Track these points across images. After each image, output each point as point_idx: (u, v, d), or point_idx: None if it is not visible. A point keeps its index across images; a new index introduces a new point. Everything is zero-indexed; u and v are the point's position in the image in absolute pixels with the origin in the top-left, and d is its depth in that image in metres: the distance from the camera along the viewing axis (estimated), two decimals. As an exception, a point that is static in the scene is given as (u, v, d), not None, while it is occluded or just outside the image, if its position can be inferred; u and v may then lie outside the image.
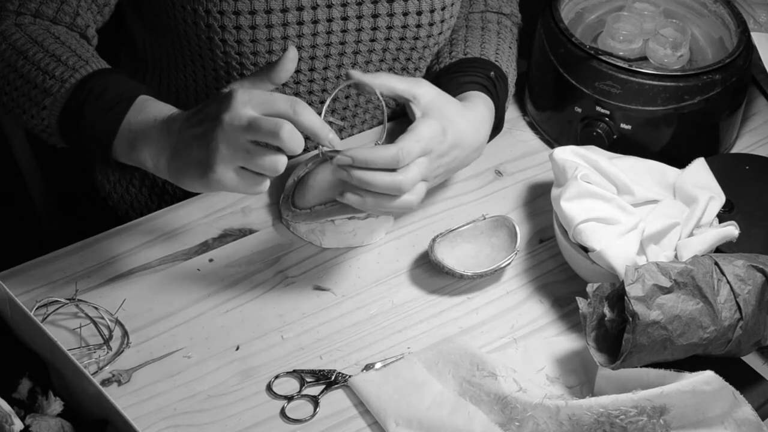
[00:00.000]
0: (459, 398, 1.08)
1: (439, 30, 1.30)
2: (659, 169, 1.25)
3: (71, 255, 1.21)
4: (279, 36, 1.22)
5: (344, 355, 1.14)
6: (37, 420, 0.98)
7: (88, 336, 1.13)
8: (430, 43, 1.31)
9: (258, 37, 1.21)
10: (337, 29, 1.25)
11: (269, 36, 1.22)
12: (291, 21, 1.22)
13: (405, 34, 1.28)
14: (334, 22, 1.24)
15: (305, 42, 1.24)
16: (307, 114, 1.01)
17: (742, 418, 1.05)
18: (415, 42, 1.29)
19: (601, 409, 1.04)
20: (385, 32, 1.27)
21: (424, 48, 1.31)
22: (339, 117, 1.34)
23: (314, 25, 1.23)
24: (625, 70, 1.29)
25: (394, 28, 1.27)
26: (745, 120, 1.44)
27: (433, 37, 1.30)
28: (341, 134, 1.37)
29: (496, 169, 1.35)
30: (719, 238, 1.16)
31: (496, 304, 1.20)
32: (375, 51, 1.29)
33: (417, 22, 1.27)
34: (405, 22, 1.27)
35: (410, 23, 1.27)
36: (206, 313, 1.17)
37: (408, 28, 1.27)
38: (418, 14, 1.27)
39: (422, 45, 1.30)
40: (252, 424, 1.07)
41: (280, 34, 1.22)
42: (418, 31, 1.28)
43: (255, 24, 1.21)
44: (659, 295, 1.05)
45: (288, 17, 1.21)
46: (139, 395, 1.09)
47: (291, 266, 1.22)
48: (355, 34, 1.26)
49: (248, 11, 1.20)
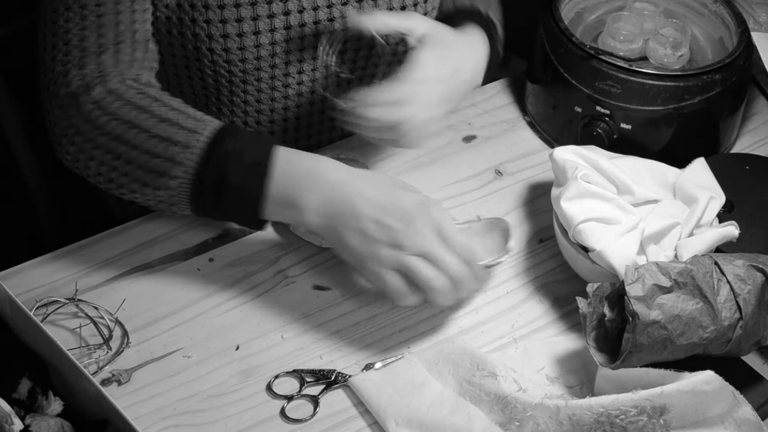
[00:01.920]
0: (459, 398, 1.08)
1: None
2: (659, 169, 1.25)
3: (71, 255, 1.21)
4: (267, 42, 1.21)
5: (344, 355, 1.14)
6: (37, 420, 0.98)
7: (88, 336, 1.13)
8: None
9: (246, 44, 1.21)
10: (325, 31, 1.24)
11: (257, 42, 1.21)
12: (278, 26, 1.21)
13: None
14: (321, 24, 1.23)
15: (293, 46, 1.23)
16: None
17: (742, 418, 1.05)
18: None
19: (601, 409, 1.04)
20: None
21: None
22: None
23: (301, 29, 1.23)
24: (625, 70, 1.29)
25: None
26: (745, 120, 1.44)
27: None
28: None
29: (496, 169, 1.35)
30: (719, 238, 1.16)
31: (496, 304, 1.20)
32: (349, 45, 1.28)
33: None
34: None
35: None
36: (206, 313, 1.17)
37: None
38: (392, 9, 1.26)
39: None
40: (252, 424, 1.07)
41: (268, 39, 1.21)
42: None
43: (243, 31, 1.20)
44: (659, 295, 1.05)
45: (275, 22, 1.21)
46: (139, 395, 1.09)
47: (291, 266, 1.22)
48: (329, 24, 1.24)
49: (235, 19, 1.19)
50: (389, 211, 1.07)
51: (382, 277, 1.07)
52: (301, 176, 1.08)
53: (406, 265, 1.06)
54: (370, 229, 1.06)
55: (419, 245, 1.06)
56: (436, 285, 1.07)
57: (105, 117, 1.11)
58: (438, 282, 1.07)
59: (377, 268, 1.07)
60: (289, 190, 1.08)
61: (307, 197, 1.08)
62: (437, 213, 1.08)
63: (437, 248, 1.06)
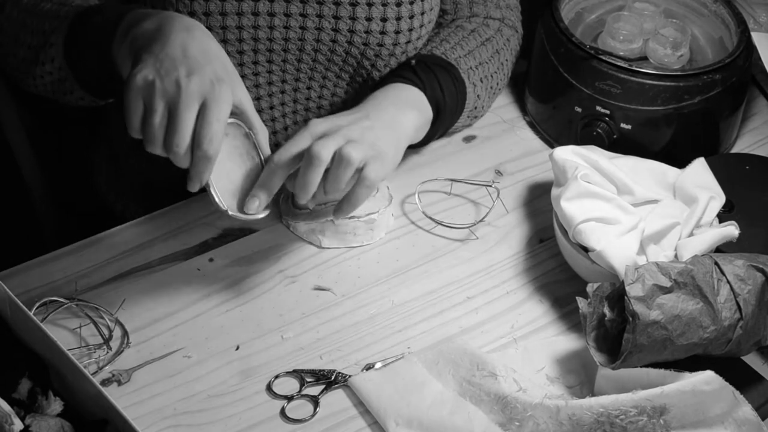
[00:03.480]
0: (459, 398, 1.08)
1: (406, 38, 1.26)
2: (659, 169, 1.25)
3: (71, 255, 1.21)
4: (234, 38, 1.21)
5: (344, 355, 1.14)
6: (37, 420, 0.98)
7: (88, 336, 1.13)
8: (397, 51, 1.27)
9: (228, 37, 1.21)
10: (296, 25, 1.23)
11: (224, 37, 1.21)
12: (246, 10, 1.21)
13: (368, 40, 1.25)
14: (292, 18, 1.22)
15: (261, 34, 1.22)
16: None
17: (742, 418, 1.05)
18: (380, 49, 1.26)
19: (601, 409, 1.04)
20: (346, 35, 1.24)
21: (390, 56, 1.27)
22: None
23: (270, 18, 1.22)
24: (625, 70, 1.29)
25: (356, 32, 1.24)
26: (745, 120, 1.44)
27: (399, 45, 1.26)
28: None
29: (496, 169, 1.35)
30: (719, 238, 1.16)
31: (496, 304, 1.20)
32: (336, 52, 1.26)
33: (381, 28, 1.24)
34: (368, 28, 1.24)
35: (374, 29, 1.24)
36: (206, 313, 1.17)
37: (371, 34, 1.25)
38: (383, 21, 1.24)
39: (387, 53, 1.27)
40: (252, 424, 1.07)
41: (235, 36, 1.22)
42: (383, 38, 1.25)
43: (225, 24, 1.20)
44: (659, 295, 1.05)
45: (242, 20, 1.21)
46: (139, 395, 1.09)
47: (291, 266, 1.22)
48: (315, 32, 1.24)
49: (219, 12, 1.19)
50: (189, 56, 1.05)
51: (129, 89, 1.04)
52: (151, 12, 1.11)
53: (150, 100, 1.03)
54: (162, 53, 1.05)
55: (172, 95, 1.03)
56: (150, 123, 1.03)
57: (13, 10, 1.23)
58: (152, 128, 1.03)
59: (133, 78, 1.04)
60: (137, 17, 1.11)
61: (146, 22, 1.09)
62: (222, 93, 1.05)
63: (183, 110, 1.03)
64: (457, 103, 1.29)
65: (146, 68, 1.04)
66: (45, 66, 1.20)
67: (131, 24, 1.11)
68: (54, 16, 1.19)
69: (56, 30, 1.18)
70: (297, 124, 1.33)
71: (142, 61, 1.05)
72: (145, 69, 1.04)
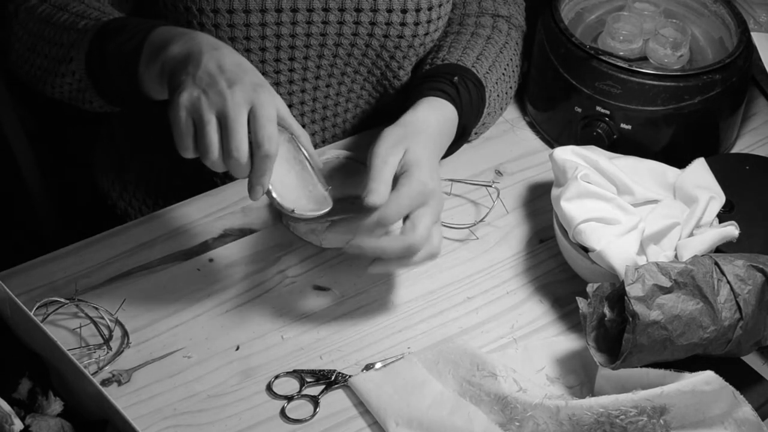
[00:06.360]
0: (459, 398, 1.08)
1: (425, 30, 1.28)
2: (659, 169, 1.25)
3: (71, 255, 1.21)
4: (257, 35, 1.22)
5: (344, 355, 1.14)
6: (37, 420, 0.98)
7: (88, 336, 1.13)
8: (416, 43, 1.29)
9: (236, 35, 1.21)
10: (318, 20, 1.24)
11: (247, 35, 1.21)
12: (269, 7, 1.21)
13: (389, 32, 1.27)
14: (315, 12, 1.23)
15: (284, 30, 1.23)
16: None
17: (742, 418, 1.05)
18: (399, 41, 1.28)
19: (601, 409, 1.04)
20: (368, 27, 1.26)
21: (409, 47, 1.30)
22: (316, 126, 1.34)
23: (293, 13, 1.23)
24: (625, 70, 1.29)
25: (377, 24, 1.26)
26: (745, 120, 1.44)
27: (418, 37, 1.29)
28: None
29: (496, 169, 1.35)
30: (719, 238, 1.16)
31: (496, 304, 1.20)
32: (357, 45, 1.28)
33: (402, 20, 1.26)
34: (389, 19, 1.26)
35: (394, 20, 1.26)
36: (206, 313, 1.17)
37: (392, 26, 1.26)
38: (403, 12, 1.26)
39: (407, 44, 1.29)
40: (252, 424, 1.07)
41: (258, 33, 1.22)
42: (403, 30, 1.27)
43: (233, 23, 1.20)
44: (659, 295, 1.05)
45: (266, 17, 1.21)
46: (139, 395, 1.09)
47: (291, 266, 1.22)
48: (337, 27, 1.25)
49: (227, 10, 1.19)
50: (226, 70, 1.05)
51: (176, 109, 1.04)
52: (175, 33, 1.11)
53: (200, 114, 1.03)
54: (199, 72, 1.05)
55: (220, 105, 1.03)
56: (205, 134, 1.03)
57: (29, 19, 1.22)
58: (208, 139, 1.03)
59: (178, 98, 1.04)
60: (162, 38, 1.11)
61: (173, 45, 1.09)
62: (267, 98, 1.05)
63: (236, 116, 1.03)
64: (475, 124, 1.31)
65: (188, 87, 1.04)
66: (65, 78, 1.20)
67: (158, 46, 1.10)
68: (73, 29, 1.18)
69: (75, 44, 1.17)
70: (315, 123, 1.35)
71: (181, 82, 1.05)
72: (187, 88, 1.04)
